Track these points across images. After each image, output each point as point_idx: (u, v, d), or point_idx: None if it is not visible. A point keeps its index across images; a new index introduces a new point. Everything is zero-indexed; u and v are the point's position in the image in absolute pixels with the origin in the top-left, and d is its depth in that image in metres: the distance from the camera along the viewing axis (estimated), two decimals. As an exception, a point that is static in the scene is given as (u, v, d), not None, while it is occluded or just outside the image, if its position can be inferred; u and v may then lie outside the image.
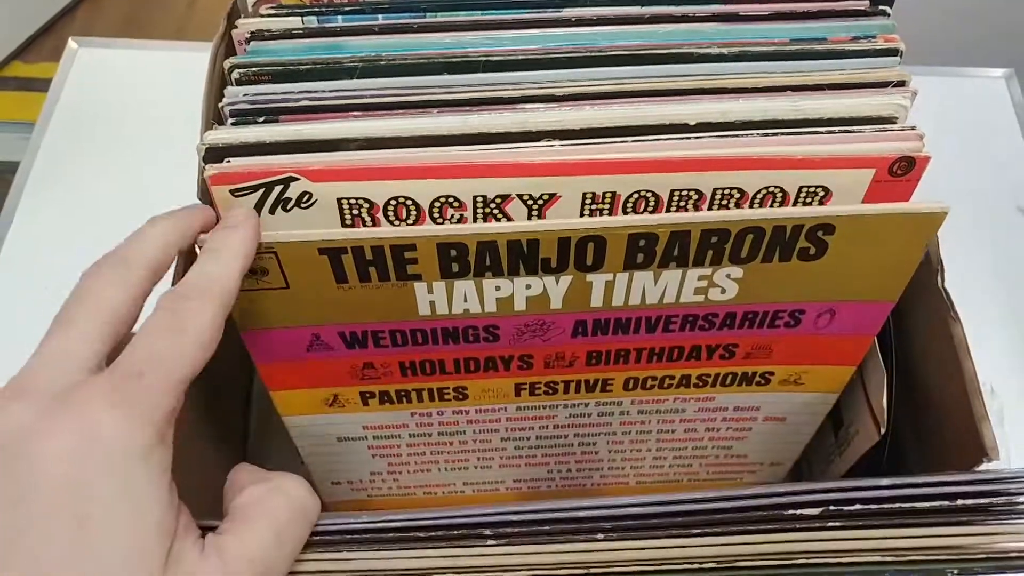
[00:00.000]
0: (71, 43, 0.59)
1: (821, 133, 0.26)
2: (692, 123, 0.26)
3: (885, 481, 0.21)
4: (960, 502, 0.21)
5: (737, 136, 0.26)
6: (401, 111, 0.27)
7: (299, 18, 0.29)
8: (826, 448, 0.39)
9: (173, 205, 0.26)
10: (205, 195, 0.28)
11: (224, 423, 0.39)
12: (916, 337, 0.33)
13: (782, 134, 0.26)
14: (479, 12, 0.29)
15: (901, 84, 0.28)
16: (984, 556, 0.20)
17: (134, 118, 0.57)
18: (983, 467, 0.22)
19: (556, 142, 0.26)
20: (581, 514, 0.19)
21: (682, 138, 0.26)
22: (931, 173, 0.27)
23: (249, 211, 0.25)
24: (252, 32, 0.29)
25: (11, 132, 1.16)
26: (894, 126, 0.26)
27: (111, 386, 0.19)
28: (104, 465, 0.18)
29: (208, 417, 0.35)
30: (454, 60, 0.28)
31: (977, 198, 0.55)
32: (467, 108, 0.27)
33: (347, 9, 0.29)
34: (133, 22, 1.31)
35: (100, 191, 0.54)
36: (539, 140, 0.26)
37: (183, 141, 0.45)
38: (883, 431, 0.33)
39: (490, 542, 0.19)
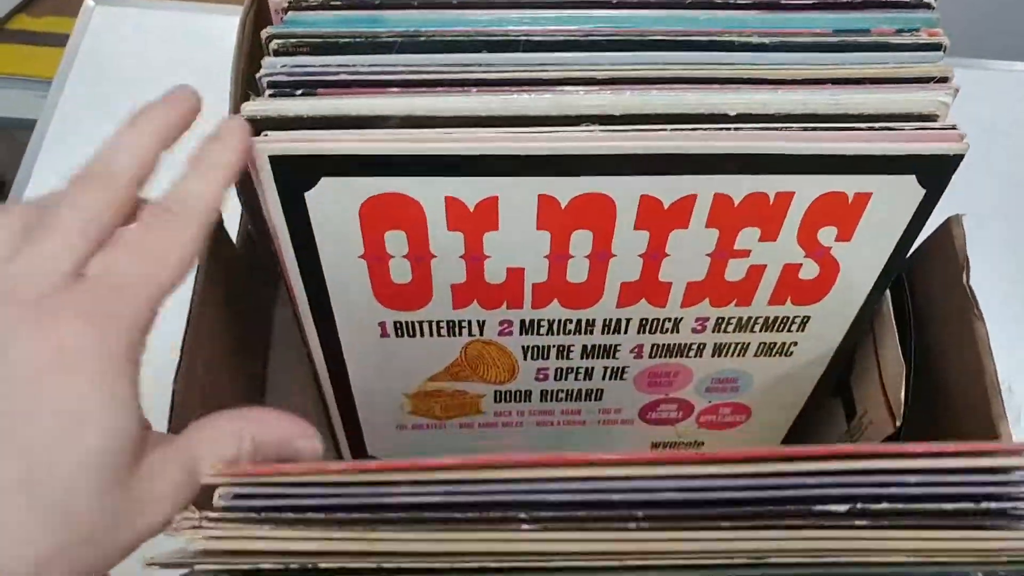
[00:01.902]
0: (88, 1, 0.58)
1: (862, 129, 0.26)
2: (732, 114, 0.26)
3: (913, 479, 0.21)
4: (984, 504, 0.21)
5: (777, 130, 0.26)
6: (440, 88, 0.26)
7: (338, -11, 0.29)
8: (838, 435, 0.40)
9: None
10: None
11: (246, 371, 0.40)
12: (937, 332, 0.33)
13: (822, 129, 0.26)
14: (519, -11, 0.29)
15: (943, 80, 0.28)
16: (1009, 560, 0.21)
17: (152, 79, 0.56)
18: (1007, 462, 0.22)
19: (596, 127, 0.26)
20: (615, 498, 0.20)
21: (722, 128, 0.26)
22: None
23: (242, 123, 0.24)
24: (290, 2, 0.28)
25: (19, 88, 1.15)
26: (934, 124, 0.26)
27: (86, 298, 0.20)
28: (74, 374, 0.19)
29: (231, 362, 0.36)
30: (494, 39, 0.27)
31: (1000, 192, 0.55)
32: (507, 88, 0.26)
33: (386, -19, 0.29)
34: (143, -23, 1.29)
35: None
36: (579, 124, 0.26)
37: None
38: (898, 423, 0.33)
39: (525, 527, 0.20)
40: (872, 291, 0.31)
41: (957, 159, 0.26)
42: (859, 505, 0.21)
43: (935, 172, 0.26)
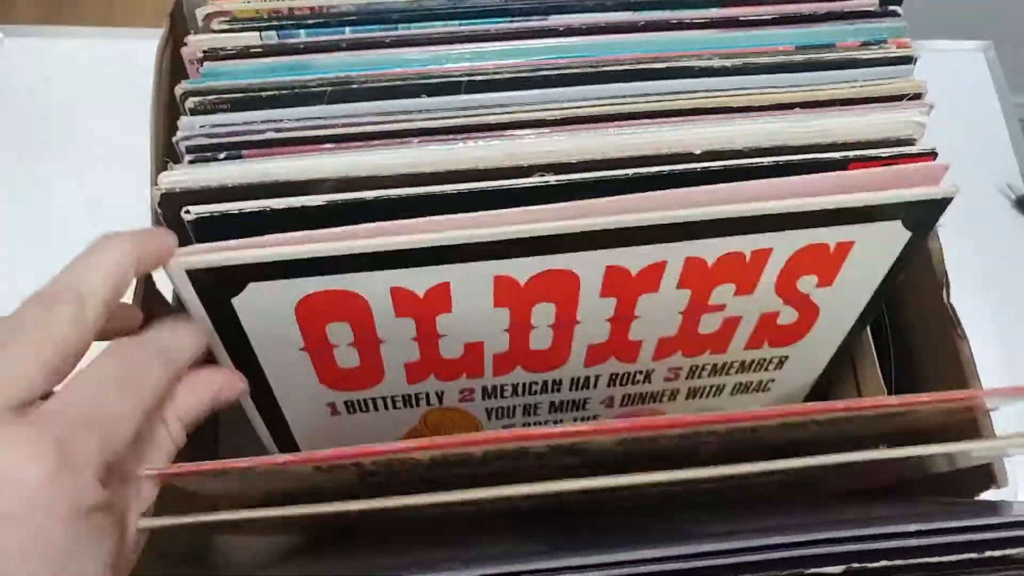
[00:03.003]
0: (-2, 30, 0.54)
1: (838, 164, 0.24)
2: (698, 152, 0.24)
3: (912, 527, 0.20)
4: (988, 553, 0.20)
5: (751, 175, 0.23)
6: (378, 141, 0.24)
7: (257, 33, 0.26)
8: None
9: (112, 201, 0.22)
10: (158, 223, 0.25)
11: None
12: (920, 353, 0.32)
13: (794, 164, 0.24)
14: (457, 22, 0.27)
15: (917, 97, 0.26)
16: None
17: (68, 111, 0.53)
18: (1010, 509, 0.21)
19: (550, 176, 0.23)
20: (606, 558, 0.18)
21: (689, 167, 0.23)
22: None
23: (231, 377, 0.24)
24: (205, 51, 0.26)
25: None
26: (912, 149, 0.25)
27: (53, 439, 0.18)
28: (34, 527, 0.17)
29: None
30: (434, 80, 0.25)
31: (958, 176, 0.54)
32: (451, 136, 0.24)
33: (310, 22, 0.26)
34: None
35: (37, 187, 0.50)
36: (530, 175, 0.23)
37: (121, 133, 0.42)
38: (885, 447, 0.32)
39: None
40: (853, 327, 0.29)
41: (945, 202, 0.24)
42: (855, 565, 0.20)
43: (922, 215, 0.24)
